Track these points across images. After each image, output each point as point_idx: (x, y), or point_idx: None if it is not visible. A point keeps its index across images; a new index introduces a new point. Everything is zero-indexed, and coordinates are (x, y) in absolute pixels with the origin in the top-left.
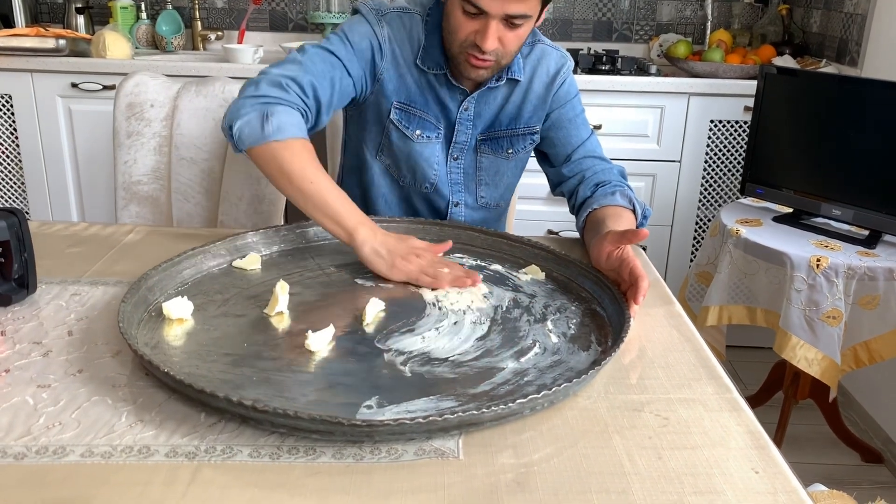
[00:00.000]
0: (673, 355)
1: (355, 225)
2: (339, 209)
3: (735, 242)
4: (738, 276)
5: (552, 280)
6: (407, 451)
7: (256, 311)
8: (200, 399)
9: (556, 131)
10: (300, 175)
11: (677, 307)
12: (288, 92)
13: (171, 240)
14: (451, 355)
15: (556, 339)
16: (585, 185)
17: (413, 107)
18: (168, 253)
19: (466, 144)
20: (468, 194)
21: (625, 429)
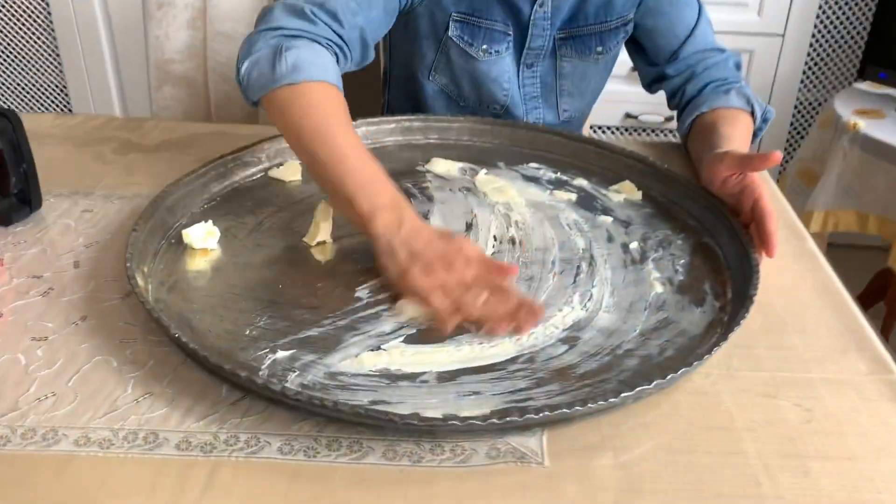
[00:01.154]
0: (810, 314)
1: (372, 209)
2: (356, 186)
3: (851, 138)
4: (850, 176)
5: (650, 201)
6: (477, 452)
7: (295, 238)
8: (219, 373)
9: (656, 18)
10: (311, 135)
11: (810, 244)
12: (314, 22)
13: (201, 140)
14: None
15: (661, 288)
16: (693, 84)
17: (476, 16)
18: (196, 155)
19: (543, 49)
20: (547, 109)
21: (757, 425)
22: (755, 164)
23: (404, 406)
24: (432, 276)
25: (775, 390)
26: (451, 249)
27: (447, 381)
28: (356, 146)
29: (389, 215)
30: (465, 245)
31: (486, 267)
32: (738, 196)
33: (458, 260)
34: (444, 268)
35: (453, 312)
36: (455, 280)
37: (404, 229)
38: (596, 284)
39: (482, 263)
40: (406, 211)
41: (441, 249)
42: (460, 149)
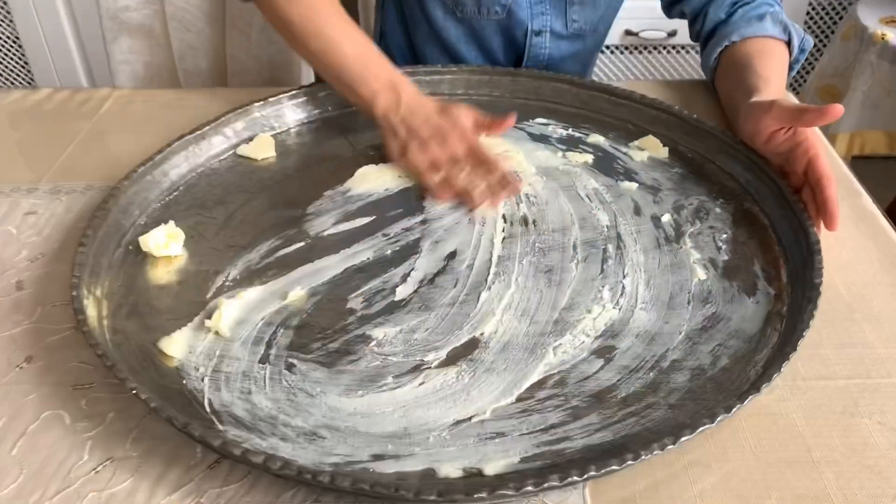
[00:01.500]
0: (879, 296)
1: (376, 90)
2: (355, 69)
3: (879, 50)
4: (879, 93)
5: (679, 159)
6: None
7: (274, 233)
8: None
9: None
10: (301, 27)
11: (866, 200)
12: None
13: (160, 113)
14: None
15: (704, 274)
16: (718, 5)
17: None
18: (155, 133)
19: None
20: (555, 17)
21: (838, 454)
22: (809, 118)
23: (416, 459)
24: (426, 152)
25: (853, 405)
26: (446, 125)
27: (464, 420)
28: (346, 30)
29: (388, 95)
30: (461, 117)
31: (473, 132)
32: (788, 155)
33: (452, 134)
34: (438, 143)
35: (444, 186)
36: (447, 154)
37: (403, 107)
38: (628, 273)
39: (468, 133)
40: (404, 88)
41: (436, 125)
42: None
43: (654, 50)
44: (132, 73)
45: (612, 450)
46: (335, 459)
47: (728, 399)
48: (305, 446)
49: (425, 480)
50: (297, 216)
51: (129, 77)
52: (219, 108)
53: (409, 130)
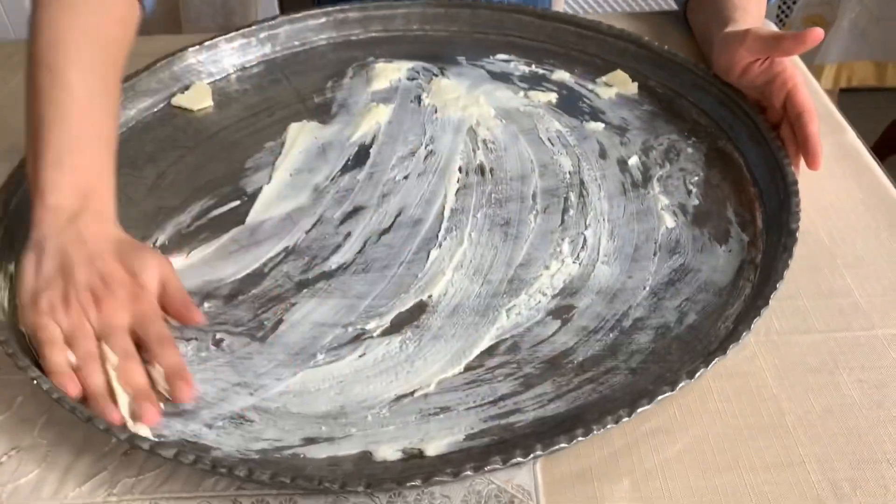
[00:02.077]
0: (863, 240)
1: (47, 188)
2: (62, 137)
3: None
4: (866, 21)
5: (649, 95)
6: (451, 500)
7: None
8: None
9: None
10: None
11: (850, 137)
12: None
13: None
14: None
15: (672, 221)
16: None
17: None
18: None
19: None
20: None
21: (814, 418)
22: (787, 45)
23: (351, 442)
24: (63, 311)
25: (832, 361)
26: (118, 274)
27: (406, 394)
28: (90, 104)
29: (67, 197)
30: (145, 267)
31: (153, 311)
32: (765, 88)
33: (117, 293)
34: (88, 302)
35: (68, 375)
36: (94, 326)
37: (77, 225)
38: (590, 224)
39: (155, 296)
40: (96, 200)
41: (103, 271)
42: (409, 42)
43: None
44: None
45: (565, 422)
46: (263, 445)
47: (694, 360)
48: (231, 431)
49: (360, 465)
50: (234, 172)
51: None
52: (155, 56)
53: (60, 267)
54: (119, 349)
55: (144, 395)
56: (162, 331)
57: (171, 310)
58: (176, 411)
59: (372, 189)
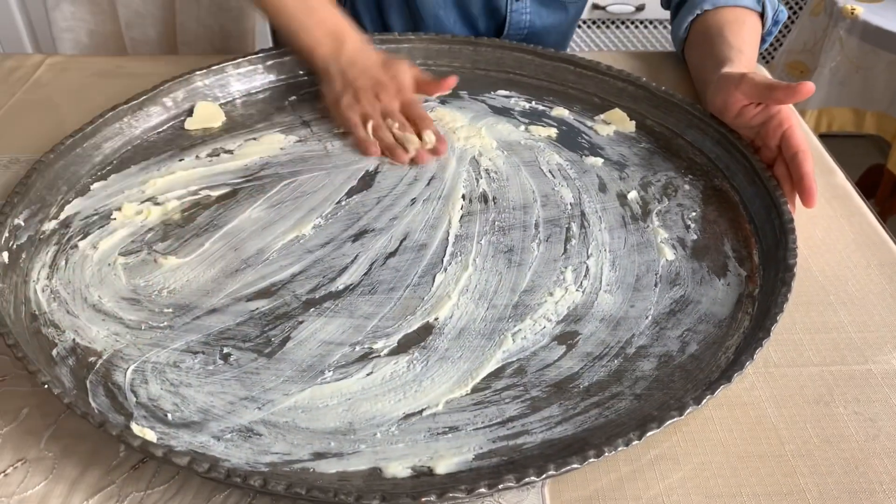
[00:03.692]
0: (855, 278)
1: (318, 37)
2: (300, 14)
3: (849, 26)
4: (847, 70)
5: (646, 133)
6: None
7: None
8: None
9: None
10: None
11: (840, 178)
12: None
13: (97, 78)
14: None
15: (672, 254)
16: None
17: None
18: (92, 102)
19: None
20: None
21: (811, 447)
22: (779, 95)
23: (360, 458)
24: (359, 104)
25: (828, 393)
26: (384, 78)
27: (414, 413)
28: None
29: (330, 43)
30: (400, 73)
31: (411, 88)
32: (761, 128)
33: (388, 88)
34: (372, 96)
35: (370, 140)
36: (380, 108)
37: (344, 56)
38: (592, 253)
39: (404, 87)
40: (348, 37)
41: (374, 77)
42: None
43: (621, 24)
44: (76, 41)
45: (573, 445)
46: (272, 459)
47: (697, 388)
48: (239, 444)
49: (370, 481)
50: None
51: (73, 46)
52: (160, 77)
53: (346, 81)
54: (398, 122)
55: (417, 144)
56: (421, 111)
57: (429, 88)
58: (183, 422)
59: (378, 213)
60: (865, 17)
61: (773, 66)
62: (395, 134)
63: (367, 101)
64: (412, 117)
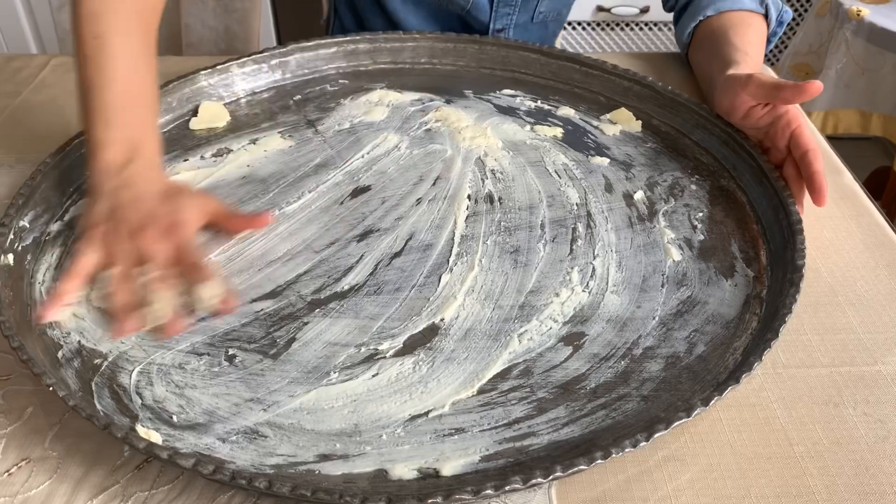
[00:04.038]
0: (862, 278)
1: (113, 139)
2: (110, 102)
3: (855, 28)
4: (853, 71)
5: (652, 133)
6: None
7: None
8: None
9: None
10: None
11: (848, 178)
12: None
13: None
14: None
15: (679, 255)
16: None
17: None
18: None
19: None
20: (522, 11)
21: (820, 448)
22: (787, 95)
23: (366, 459)
24: (113, 241)
25: (838, 394)
26: (160, 212)
27: (420, 415)
28: (135, 51)
29: (121, 151)
30: (182, 206)
31: (190, 242)
32: (769, 129)
33: (157, 226)
34: (132, 235)
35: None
36: (134, 252)
37: (126, 173)
38: (598, 254)
39: (194, 227)
40: (145, 151)
41: (146, 210)
42: (417, 74)
43: (626, 27)
44: None
45: (580, 446)
46: (277, 461)
47: (705, 390)
48: (245, 446)
49: (376, 483)
50: None
51: None
52: (165, 77)
53: (114, 206)
54: (156, 270)
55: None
56: (196, 259)
57: (237, 225)
58: (188, 424)
59: (383, 213)
60: (871, 19)
61: (779, 67)
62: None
63: (122, 239)
64: (184, 267)
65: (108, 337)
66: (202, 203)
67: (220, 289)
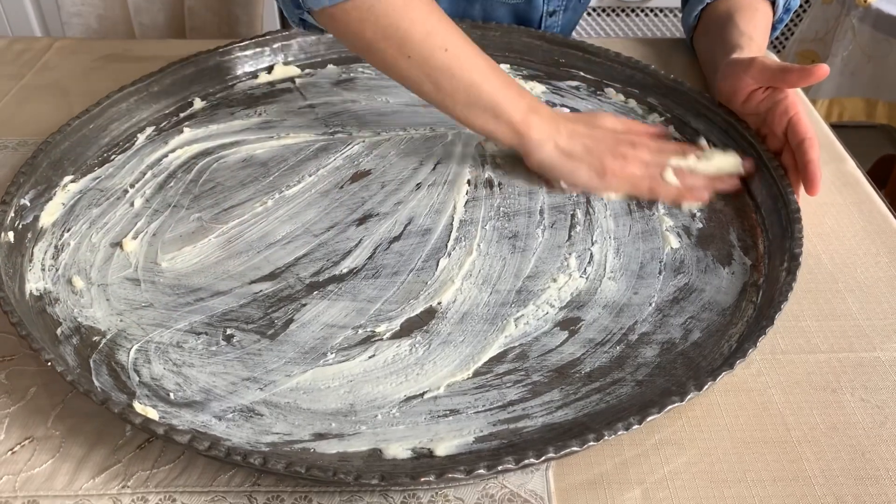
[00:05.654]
0: (863, 265)
1: (525, 113)
2: (498, 90)
3: (861, 15)
4: (859, 59)
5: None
6: (464, 502)
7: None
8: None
9: None
10: (423, 41)
11: (850, 166)
12: None
13: (105, 61)
14: (500, 282)
15: (677, 242)
16: None
17: None
18: (100, 81)
19: None
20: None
21: (819, 434)
22: (792, 78)
23: (361, 439)
24: (631, 162)
25: (836, 380)
26: (616, 129)
27: (415, 396)
28: (471, 45)
29: (540, 117)
30: (607, 119)
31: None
32: (767, 115)
33: (627, 136)
34: (630, 148)
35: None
36: (648, 157)
37: (563, 126)
38: (596, 240)
39: (642, 131)
40: (542, 108)
41: (607, 134)
42: None
43: (631, 13)
44: (85, 26)
45: (573, 429)
46: (272, 439)
47: (699, 375)
48: (241, 424)
49: (370, 462)
50: None
51: (82, 31)
52: (168, 60)
53: (589, 149)
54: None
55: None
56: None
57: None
58: (185, 402)
59: (382, 197)
60: (878, 6)
61: (784, 55)
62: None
63: (632, 156)
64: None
65: None
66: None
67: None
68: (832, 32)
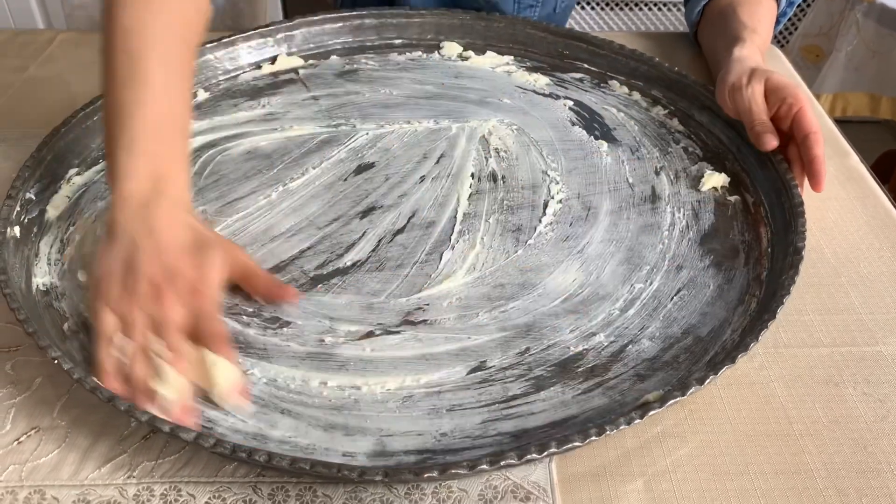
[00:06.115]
0: (866, 259)
1: (136, 169)
2: (139, 123)
3: (866, 10)
4: (863, 54)
5: (660, 114)
6: (468, 494)
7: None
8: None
9: None
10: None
11: (854, 160)
12: None
13: None
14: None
15: (680, 236)
16: None
17: None
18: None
19: None
20: (545, 4)
21: (821, 427)
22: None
23: (365, 433)
24: (126, 300)
25: (838, 374)
26: (184, 266)
27: (418, 390)
28: (166, 91)
29: (142, 184)
30: (208, 263)
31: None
32: (772, 110)
33: (180, 284)
34: (148, 293)
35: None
36: (147, 318)
37: (149, 213)
38: (598, 234)
39: (217, 288)
40: (172, 185)
41: (168, 264)
42: (424, 51)
43: (635, 6)
44: (89, 19)
45: (576, 423)
46: (277, 434)
47: (701, 369)
48: (245, 420)
49: (373, 458)
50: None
51: (86, 23)
52: None
53: (131, 257)
54: (169, 345)
55: (175, 386)
56: (217, 328)
57: (261, 291)
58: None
59: (386, 190)
60: (883, 1)
61: (788, 49)
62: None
63: (138, 299)
64: (200, 337)
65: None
66: (230, 258)
67: (235, 373)
68: (836, 27)
